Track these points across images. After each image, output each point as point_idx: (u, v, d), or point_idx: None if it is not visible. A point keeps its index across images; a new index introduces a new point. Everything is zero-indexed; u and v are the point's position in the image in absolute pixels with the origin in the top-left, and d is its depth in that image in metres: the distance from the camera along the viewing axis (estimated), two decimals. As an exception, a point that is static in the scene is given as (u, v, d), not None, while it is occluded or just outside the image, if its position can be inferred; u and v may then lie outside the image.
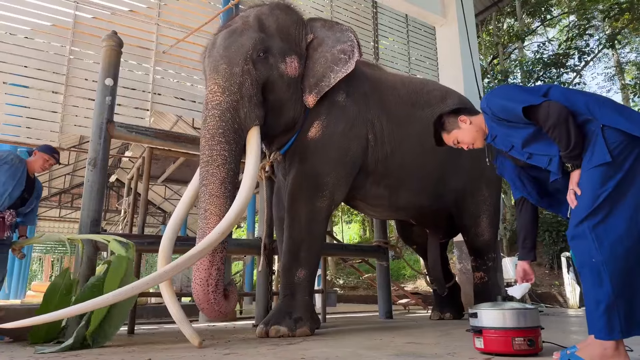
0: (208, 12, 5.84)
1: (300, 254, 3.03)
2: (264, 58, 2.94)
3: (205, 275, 2.53)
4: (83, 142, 11.95)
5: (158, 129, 3.90)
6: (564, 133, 1.70)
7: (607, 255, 1.57)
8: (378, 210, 4.00)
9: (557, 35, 16.19)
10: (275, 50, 3.01)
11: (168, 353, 2.21)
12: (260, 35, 2.97)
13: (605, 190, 1.62)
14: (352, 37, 3.20)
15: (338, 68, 3.12)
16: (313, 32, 3.26)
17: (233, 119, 2.74)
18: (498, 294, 3.85)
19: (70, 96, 4.73)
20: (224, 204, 2.58)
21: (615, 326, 1.54)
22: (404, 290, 7.86)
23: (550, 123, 1.73)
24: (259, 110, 2.88)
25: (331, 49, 3.18)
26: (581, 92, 1.89)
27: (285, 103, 3.09)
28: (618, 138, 1.65)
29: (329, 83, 3.11)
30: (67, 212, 17.63)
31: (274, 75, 2.99)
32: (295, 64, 3.09)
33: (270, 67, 2.97)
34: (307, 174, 3.12)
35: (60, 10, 4.88)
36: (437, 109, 3.84)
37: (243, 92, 2.80)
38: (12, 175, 3.07)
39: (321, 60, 3.17)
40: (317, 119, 3.18)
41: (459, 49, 6.38)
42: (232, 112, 2.74)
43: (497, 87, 2.07)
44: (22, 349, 2.47)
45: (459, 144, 2.20)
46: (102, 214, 3.45)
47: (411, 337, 2.78)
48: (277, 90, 3.02)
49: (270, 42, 3.01)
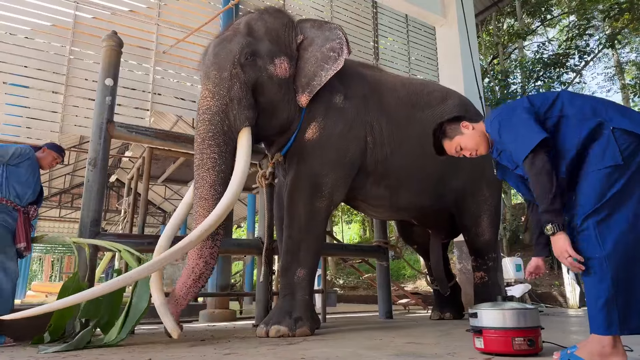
0: (208, 12, 5.84)
1: (300, 253, 3.04)
2: (251, 61, 3.00)
3: (192, 264, 2.69)
4: (83, 142, 11.96)
5: (158, 129, 3.90)
6: (542, 186, 1.71)
7: (609, 251, 1.59)
8: (379, 210, 4.01)
9: (557, 35, 16.20)
10: (263, 53, 3.06)
11: (168, 353, 2.21)
12: (247, 39, 3.05)
13: (612, 190, 1.64)
14: (341, 35, 3.23)
15: (328, 66, 3.15)
16: (303, 32, 3.29)
17: (222, 121, 2.84)
18: (498, 294, 3.85)
19: (70, 96, 4.72)
20: (212, 206, 2.69)
21: (613, 321, 1.56)
22: (404, 290, 7.86)
23: (532, 174, 1.76)
24: (248, 111, 2.94)
25: (321, 48, 3.22)
26: (588, 96, 1.89)
27: (278, 104, 3.13)
28: (627, 140, 1.67)
29: (320, 82, 3.13)
30: (67, 212, 17.64)
31: (264, 77, 3.05)
32: (285, 65, 3.12)
33: (259, 70, 3.03)
34: (306, 175, 3.14)
35: (60, 10, 4.88)
36: (437, 110, 3.84)
37: (232, 95, 2.89)
38: (33, 171, 3.07)
39: (312, 59, 3.20)
40: (315, 121, 3.20)
41: (459, 49, 6.38)
42: (221, 115, 2.84)
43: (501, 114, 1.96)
44: (22, 349, 2.47)
45: (462, 151, 2.15)
46: (102, 214, 3.44)
47: (411, 337, 2.78)
48: (268, 92, 3.07)
49: (258, 46, 3.07)
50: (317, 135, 3.18)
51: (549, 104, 1.85)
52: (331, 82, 3.31)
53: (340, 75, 3.43)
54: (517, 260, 5.84)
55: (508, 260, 5.78)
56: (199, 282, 2.71)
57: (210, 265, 2.74)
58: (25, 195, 3.00)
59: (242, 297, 9.01)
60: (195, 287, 2.71)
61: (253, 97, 3.01)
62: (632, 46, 14.54)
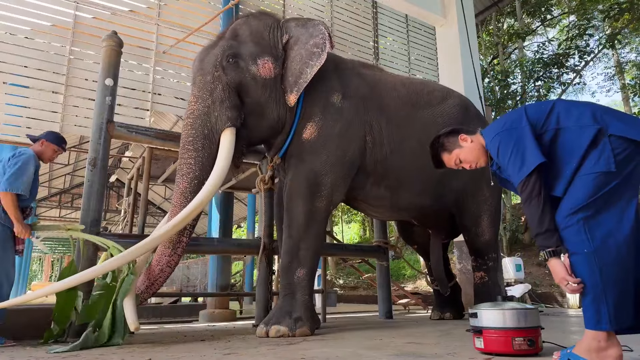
0: (208, 12, 5.84)
1: (300, 253, 3.04)
2: (233, 63, 3.07)
3: (149, 270, 2.84)
4: (83, 142, 11.96)
5: (158, 129, 3.90)
6: (532, 211, 1.71)
7: (598, 246, 1.60)
8: (380, 210, 4.00)
9: (557, 35, 16.18)
10: (245, 55, 3.11)
11: (168, 353, 2.21)
12: (230, 43, 3.13)
13: (602, 190, 1.64)
14: (323, 30, 3.24)
15: (313, 62, 3.15)
16: (288, 32, 3.31)
17: (204, 124, 2.93)
18: (498, 294, 3.85)
19: (70, 96, 4.73)
20: (178, 213, 2.79)
21: (603, 317, 1.57)
22: (404, 290, 7.86)
23: (523, 200, 1.77)
24: (231, 112, 2.99)
25: (305, 45, 3.22)
26: (584, 103, 1.87)
27: (265, 104, 3.16)
28: (622, 145, 1.67)
29: (306, 79, 3.14)
30: (67, 212, 17.64)
31: (247, 78, 3.09)
32: (269, 65, 3.14)
33: (242, 71, 3.08)
34: (306, 175, 3.14)
35: (60, 11, 4.88)
36: (437, 109, 3.83)
37: (214, 97, 2.98)
38: (36, 171, 3.02)
39: (297, 57, 3.21)
40: (312, 120, 3.21)
41: (459, 49, 6.38)
42: (203, 118, 2.94)
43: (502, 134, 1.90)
44: (22, 349, 2.47)
45: (461, 164, 2.13)
46: (102, 214, 3.44)
47: (411, 337, 2.78)
48: (253, 92, 3.11)
49: (241, 48, 3.13)
50: (316, 135, 3.18)
51: (544, 118, 1.83)
52: (329, 81, 3.32)
53: (338, 75, 3.43)
54: (517, 260, 5.84)
55: (508, 260, 5.78)
56: (151, 287, 2.80)
57: (165, 273, 2.82)
58: (25, 197, 2.98)
59: (242, 297, 9.01)
60: (147, 292, 2.81)
61: (239, 98, 3.07)
62: (632, 46, 14.52)
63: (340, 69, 3.52)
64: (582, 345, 1.64)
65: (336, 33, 7.03)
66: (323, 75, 3.27)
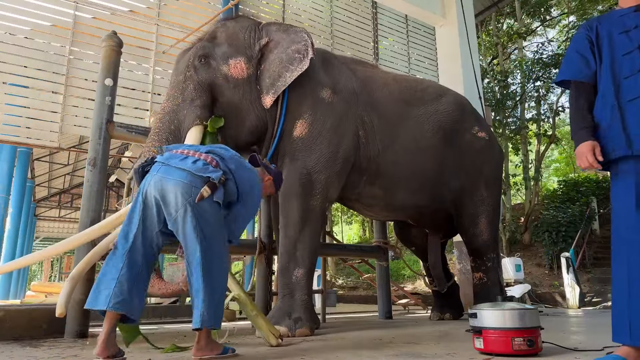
0: (208, 12, 5.85)
1: (297, 253, 3.03)
2: (204, 63, 3.11)
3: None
4: (83, 142, 11.95)
5: (158, 129, 3.90)
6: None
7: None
8: (374, 210, 3.99)
9: (557, 36, 16.20)
10: (217, 55, 3.15)
11: (168, 353, 2.21)
12: (204, 44, 3.19)
13: None
14: (306, 37, 3.25)
15: (293, 67, 3.15)
16: (268, 35, 3.31)
17: (171, 120, 2.97)
18: (498, 294, 3.85)
19: (70, 96, 4.72)
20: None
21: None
22: (403, 291, 7.86)
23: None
24: (200, 110, 3.00)
25: (286, 50, 3.22)
26: None
27: (239, 104, 3.16)
28: None
29: (285, 82, 3.13)
30: (67, 212, 17.64)
31: (218, 78, 3.12)
32: (242, 66, 3.16)
33: (213, 71, 3.12)
34: (299, 173, 3.12)
35: (60, 11, 4.88)
36: (431, 106, 3.81)
37: (185, 96, 3.03)
38: None
39: (276, 61, 3.21)
40: (302, 118, 3.19)
41: (458, 49, 6.38)
42: (171, 114, 2.98)
43: None
44: (22, 349, 2.47)
45: None
46: (102, 214, 3.44)
47: (411, 337, 2.78)
48: (225, 92, 3.14)
49: (214, 49, 3.17)
50: (307, 132, 3.17)
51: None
52: (317, 77, 3.31)
53: (328, 70, 3.43)
54: (516, 260, 5.85)
55: (508, 260, 5.79)
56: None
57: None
58: None
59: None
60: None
61: (212, 97, 3.10)
62: (632, 46, 14.53)
63: (329, 63, 3.51)
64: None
65: (336, 33, 7.03)
66: (310, 71, 3.23)
